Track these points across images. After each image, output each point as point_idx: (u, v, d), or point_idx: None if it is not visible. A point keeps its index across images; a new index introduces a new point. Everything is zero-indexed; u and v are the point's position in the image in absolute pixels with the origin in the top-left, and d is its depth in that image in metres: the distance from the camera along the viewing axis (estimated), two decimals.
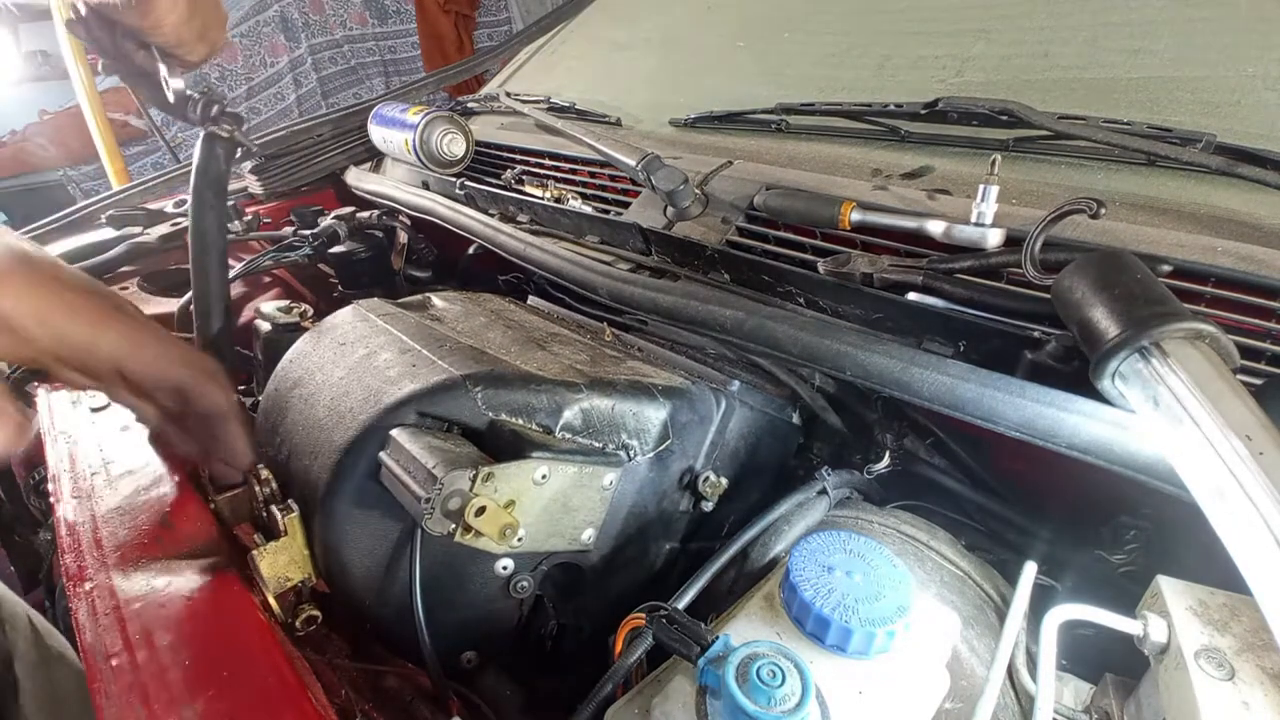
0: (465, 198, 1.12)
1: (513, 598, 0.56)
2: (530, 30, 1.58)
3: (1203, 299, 0.54)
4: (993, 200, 0.61)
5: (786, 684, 0.36)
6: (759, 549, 0.58)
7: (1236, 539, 0.37)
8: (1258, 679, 0.40)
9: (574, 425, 0.54)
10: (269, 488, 0.55)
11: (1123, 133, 0.63)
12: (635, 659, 0.44)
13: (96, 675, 0.42)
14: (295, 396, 0.61)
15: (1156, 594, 0.46)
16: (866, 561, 0.45)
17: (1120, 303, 0.45)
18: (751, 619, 0.45)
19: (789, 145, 0.90)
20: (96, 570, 0.50)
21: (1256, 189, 0.59)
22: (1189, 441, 0.40)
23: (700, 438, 0.61)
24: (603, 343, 0.71)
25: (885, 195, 0.73)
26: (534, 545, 0.52)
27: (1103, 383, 0.45)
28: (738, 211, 0.80)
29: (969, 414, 0.53)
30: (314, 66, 4.12)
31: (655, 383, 0.59)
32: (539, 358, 0.60)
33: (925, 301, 0.61)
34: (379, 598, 0.52)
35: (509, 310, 0.76)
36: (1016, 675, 0.49)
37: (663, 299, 0.73)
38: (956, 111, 0.72)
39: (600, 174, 1.04)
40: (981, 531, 0.69)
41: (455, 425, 0.52)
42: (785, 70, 1.05)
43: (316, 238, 1.11)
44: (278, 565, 0.52)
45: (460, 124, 1.19)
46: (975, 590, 0.55)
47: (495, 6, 4.59)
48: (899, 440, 0.71)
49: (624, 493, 0.57)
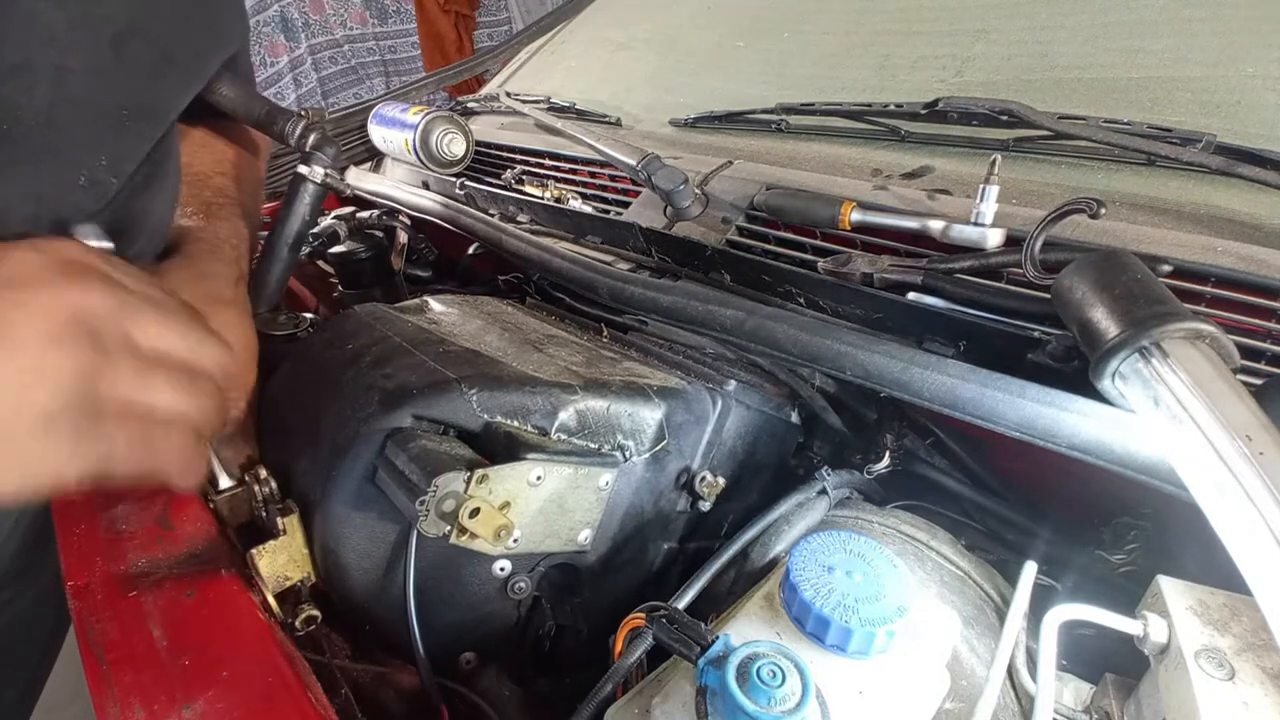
0: (465, 198, 1.11)
1: (511, 599, 0.56)
2: (530, 30, 1.58)
3: (1203, 299, 0.54)
4: (993, 200, 0.61)
5: (786, 684, 0.36)
6: (759, 549, 0.58)
7: (1236, 539, 0.37)
8: (1258, 679, 0.40)
9: (569, 426, 0.54)
10: (268, 487, 0.55)
11: (1123, 133, 0.63)
12: (635, 659, 0.44)
13: (96, 675, 0.42)
14: (293, 401, 0.61)
15: (1156, 594, 0.46)
16: (866, 561, 0.45)
17: (1120, 303, 0.45)
18: (751, 619, 0.45)
19: (789, 145, 0.90)
20: (96, 569, 0.50)
21: (1256, 189, 0.59)
22: (1189, 441, 0.40)
23: (696, 437, 0.61)
24: (599, 344, 0.71)
25: (885, 195, 0.73)
26: (530, 547, 0.52)
27: (1103, 383, 0.45)
28: (738, 211, 0.80)
29: (969, 414, 0.53)
30: (314, 66, 4.12)
31: (650, 383, 0.59)
32: (535, 359, 0.60)
33: (925, 301, 0.61)
34: (378, 600, 0.52)
35: (506, 312, 0.76)
36: (1016, 675, 0.49)
37: (663, 299, 0.73)
38: (956, 111, 0.72)
39: (600, 174, 1.04)
40: (981, 531, 0.69)
41: (451, 428, 0.52)
42: (785, 70, 1.05)
43: (316, 237, 1.11)
44: (276, 564, 0.52)
45: (460, 124, 1.19)
46: (975, 590, 0.55)
47: (495, 6, 4.60)
48: (899, 440, 0.71)
49: (620, 493, 0.57)
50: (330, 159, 0.75)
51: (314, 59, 4.12)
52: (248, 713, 0.39)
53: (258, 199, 0.80)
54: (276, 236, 0.75)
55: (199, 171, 0.74)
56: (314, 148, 0.74)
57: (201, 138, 0.77)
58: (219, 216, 0.70)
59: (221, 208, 0.71)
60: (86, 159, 0.54)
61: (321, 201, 0.76)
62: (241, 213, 0.73)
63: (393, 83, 4.17)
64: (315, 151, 0.75)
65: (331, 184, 0.75)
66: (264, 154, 0.88)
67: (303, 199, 0.75)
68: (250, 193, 0.78)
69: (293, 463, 0.57)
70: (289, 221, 0.74)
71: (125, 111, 0.56)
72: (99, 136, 0.55)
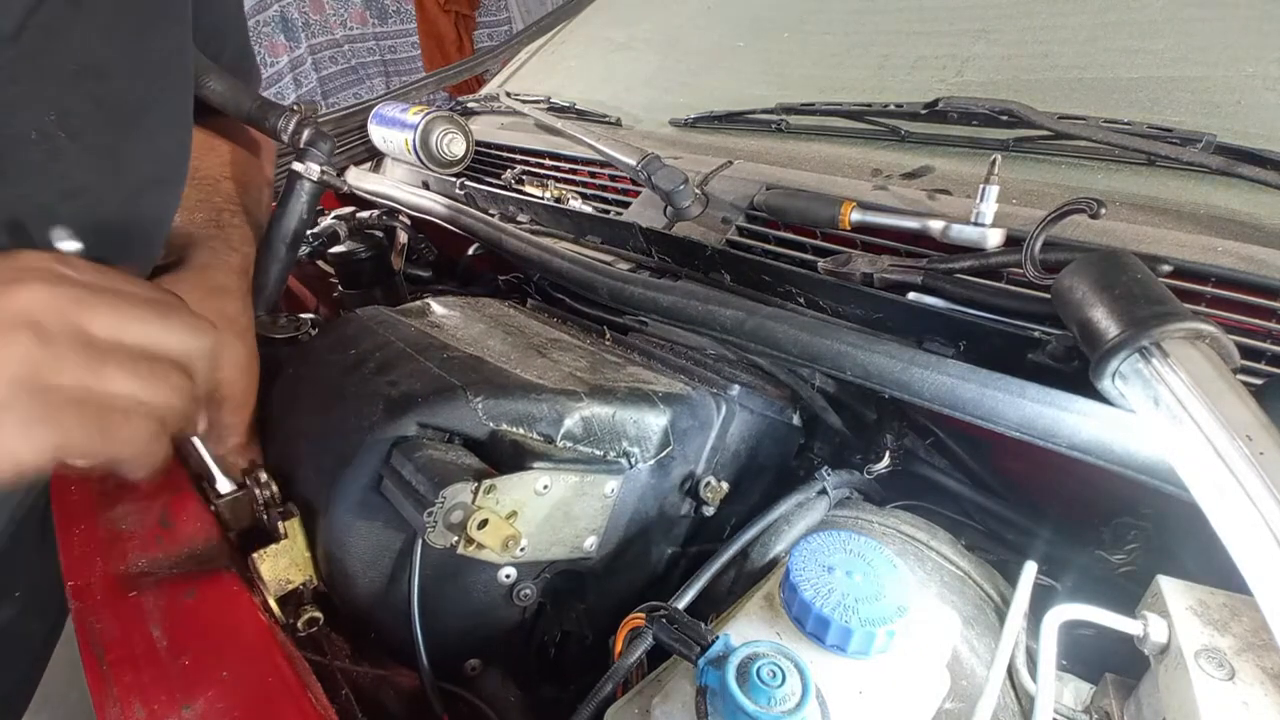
0: (465, 198, 1.11)
1: (516, 605, 0.56)
2: (530, 30, 1.58)
3: (1203, 299, 0.54)
4: (993, 200, 0.61)
5: (786, 684, 0.36)
6: (759, 549, 0.58)
7: (1236, 539, 0.37)
8: (1258, 679, 0.40)
9: (575, 434, 0.54)
10: (269, 491, 0.55)
11: (1123, 133, 0.63)
12: (635, 659, 0.44)
13: (96, 675, 0.42)
14: (296, 406, 0.61)
15: (1156, 594, 0.46)
16: (866, 561, 0.45)
17: (1120, 303, 0.45)
18: (751, 619, 0.45)
19: (789, 145, 0.90)
20: (96, 569, 0.50)
21: (1256, 189, 0.59)
22: (1189, 441, 0.40)
23: (701, 443, 0.61)
24: (602, 348, 0.71)
25: (885, 195, 0.73)
26: (536, 555, 0.52)
27: (1103, 383, 0.45)
28: (738, 211, 0.80)
29: (969, 414, 0.53)
30: (314, 66, 4.12)
31: (656, 389, 0.59)
32: (539, 365, 0.60)
33: (925, 301, 0.61)
34: (382, 606, 0.52)
35: (508, 315, 0.76)
36: (1016, 675, 0.49)
37: (663, 299, 0.73)
38: (956, 111, 0.72)
39: (600, 174, 1.04)
40: (981, 531, 0.69)
41: (456, 436, 0.52)
42: (785, 70, 1.05)
43: (316, 237, 1.11)
44: (278, 568, 0.52)
45: (460, 124, 1.18)
46: (975, 590, 0.55)
47: (495, 6, 4.60)
48: (899, 440, 0.71)
49: (625, 500, 0.57)
50: (325, 155, 0.73)
51: (314, 59, 4.12)
52: (248, 713, 0.39)
53: (264, 202, 0.80)
54: (274, 235, 0.73)
55: (206, 175, 0.73)
56: (308, 144, 0.73)
57: (206, 140, 0.76)
58: (229, 224, 0.69)
59: (232, 215, 0.70)
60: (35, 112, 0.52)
61: (319, 199, 0.75)
62: (249, 219, 0.72)
63: (393, 83, 4.17)
64: (309, 148, 0.73)
65: (328, 180, 0.74)
66: (268, 155, 0.87)
67: (299, 197, 0.73)
68: (256, 197, 0.77)
69: (295, 468, 0.56)
70: (286, 220, 0.73)
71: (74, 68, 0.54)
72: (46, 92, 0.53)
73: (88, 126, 0.56)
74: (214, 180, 0.73)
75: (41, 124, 0.53)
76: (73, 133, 0.55)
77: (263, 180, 0.81)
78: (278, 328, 0.76)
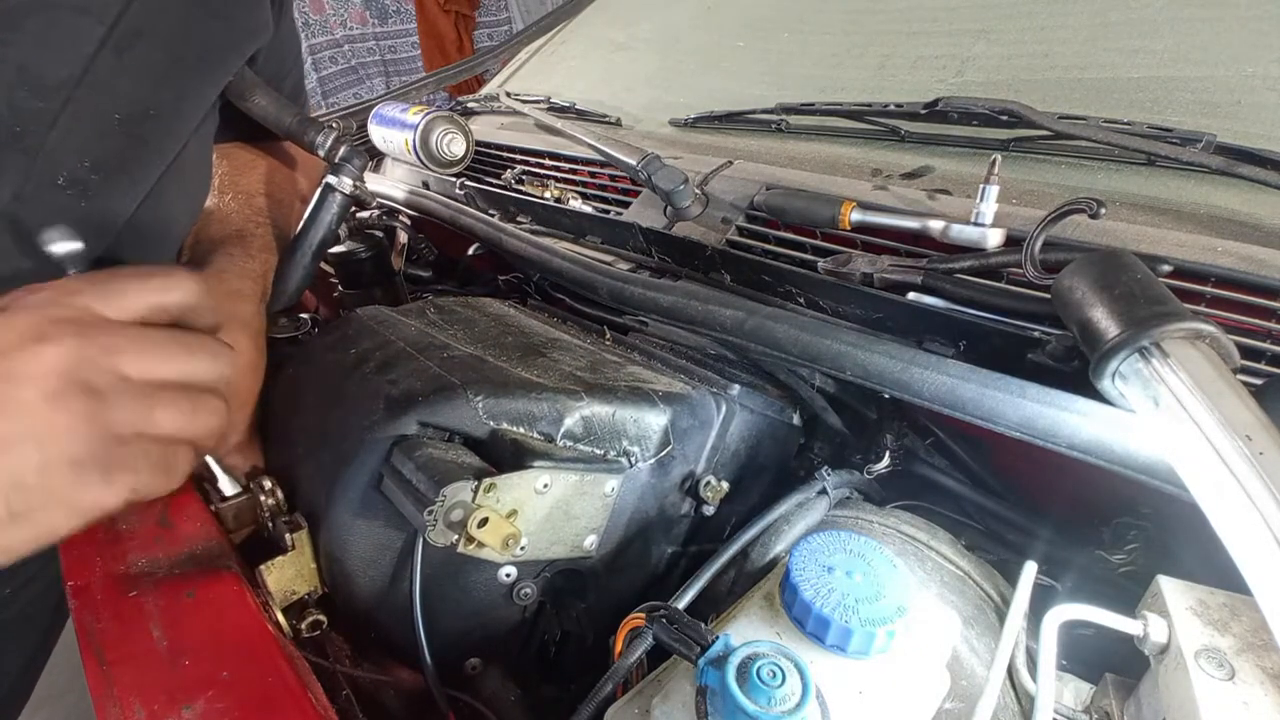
0: (465, 198, 1.11)
1: (516, 604, 0.56)
2: (530, 30, 1.58)
3: (1203, 299, 0.54)
4: (993, 200, 0.61)
5: (786, 684, 0.36)
6: (759, 549, 0.58)
7: (1236, 539, 0.37)
8: (1258, 679, 0.40)
9: (575, 433, 0.54)
10: (273, 498, 0.55)
11: (1123, 133, 0.63)
12: (635, 659, 0.44)
13: (96, 675, 0.42)
14: (296, 406, 0.61)
15: (1156, 594, 0.46)
16: (866, 561, 0.45)
17: (1120, 303, 0.45)
18: (751, 619, 0.45)
19: (789, 145, 0.90)
20: (96, 569, 0.50)
21: (1256, 189, 0.59)
22: (1189, 441, 0.40)
23: (701, 442, 0.61)
24: (602, 347, 0.71)
25: (885, 195, 0.73)
26: (537, 554, 0.52)
27: (1103, 383, 0.45)
28: (738, 211, 0.80)
29: (969, 414, 0.53)
30: (314, 66, 4.12)
31: (656, 389, 0.59)
32: (539, 364, 0.60)
33: (925, 301, 0.61)
34: (383, 606, 0.52)
35: (509, 315, 0.76)
36: (1016, 675, 0.49)
37: (663, 299, 0.73)
38: (956, 111, 0.72)
39: (600, 174, 1.04)
40: (981, 531, 0.69)
41: (457, 435, 0.52)
42: (785, 70, 1.05)
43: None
44: (284, 579, 0.52)
45: (460, 124, 1.18)
46: (975, 590, 0.55)
47: (495, 6, 4.60)
48: (899, 440, 0.71)
49: (625, 499, 0.57)
50: (358, 170, 0.75)
51: (314, 59, 4.12)
52: (248, 713, 0.39)
53: (293, 216, 0.82)
54: (301, 242, 0.75)
55: (243, 189, 0.76)
56: (343, 159, 0.75)
57: (249, 159, 0.80)
58: (252, 234, 0.72)
59: (258, 225, 0.73)
60: (68, 160, 0.55)
61: (347, 212, 0.77)
62: (274, 230, 0.74)
63: (393, 83, 4.17)
64: (344, 163, 0.75)
65: (360, 195, 0.76)
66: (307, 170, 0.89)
67: (329, 208, 0.75)
68: (285, 212, 0.79)
69: (296, 468, 0.56)
70: (314, 229, 0.75)
71: (118, 117, 0.56)
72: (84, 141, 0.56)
73: (126, 165, 0.59)
74: (249, 195, 0.77)
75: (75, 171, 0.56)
76: (107, 173, 0.57)
77: (295, 196, 0.84)
78: (278, 327, 0.76)
